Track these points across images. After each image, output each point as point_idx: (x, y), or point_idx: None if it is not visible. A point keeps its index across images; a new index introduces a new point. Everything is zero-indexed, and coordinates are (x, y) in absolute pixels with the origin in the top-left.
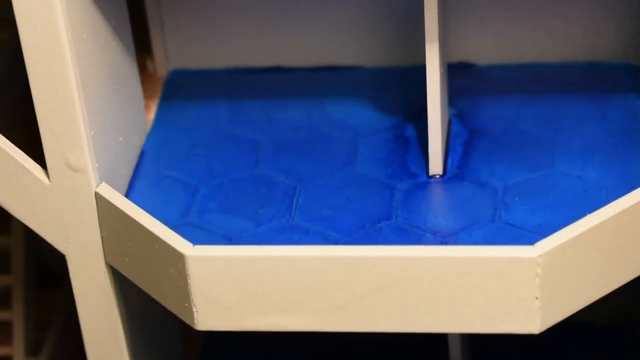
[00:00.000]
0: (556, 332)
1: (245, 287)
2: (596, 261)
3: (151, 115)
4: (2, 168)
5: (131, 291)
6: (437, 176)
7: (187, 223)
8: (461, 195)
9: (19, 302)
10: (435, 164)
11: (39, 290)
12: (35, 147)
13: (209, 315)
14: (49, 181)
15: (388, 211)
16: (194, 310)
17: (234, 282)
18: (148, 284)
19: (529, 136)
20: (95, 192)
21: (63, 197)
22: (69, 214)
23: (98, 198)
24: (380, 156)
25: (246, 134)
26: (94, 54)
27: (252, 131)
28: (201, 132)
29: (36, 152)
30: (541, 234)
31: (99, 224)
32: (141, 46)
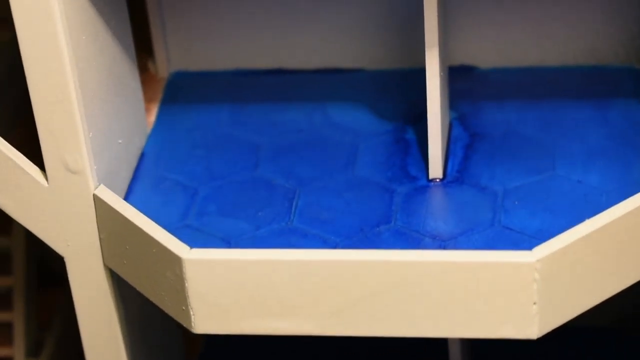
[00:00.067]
0: (556, 336)
1: (242, 291)
2: (595, 266)
3: (152, 116)
4: (1, 170)
5: (130, 293)
6: (437, 180)
7: (186, 225)
8: (461, 199)
9: (20, 303)
10: (435, 168)
11: (40, 290)
12: (35, 148)
13: (206, 318)
14: (47, 183)
15: (387, 215)
16: (191, 313)
17: (231, 286)
18: (146, 287)
19: (530, 140)
20: (93, 194)
21: (61, 199)
22: (67, 216)
23: (96, 200)
24: (380, 159)
25: (247, 136)
26: (93, 56)
27: (253, 133)
28: (202, 134)
29: (36, 154)
30: (540, 239)
31: (98, 226)
32: (142, 47)
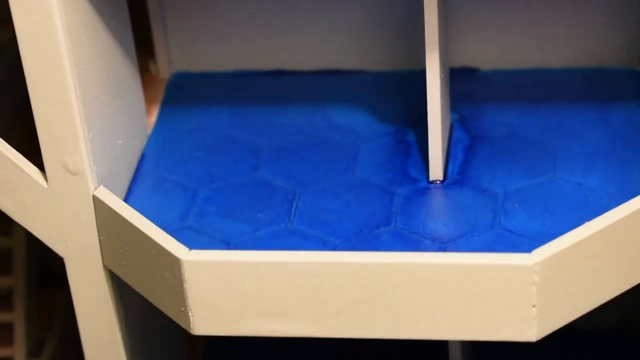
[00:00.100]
0: (556, 337)
1: (241, 292)
2: (594, 269)
3: (153, 117)
4: (0, 170)
5: (131, 294)
6: (438, 182)
7: (186, 227)
8: (461, 201)
9: (20, 303)
10: (435, 170)
11: (40, 291)
12: (35, 149)
13: (205, 319)
14: (47, 184)
15: (387, 216)
16: (190, 314)
17: (230, 287)
18: (145, 288)
19: (531, 142)
20: (93, 195)
21: (61, 200)
22: (67, 217)
23: (96, 201)
24: (381, 161)
25: (247, 138)
26: (93, 57)
27: (253, 135)
28: (202, 135)
29: (36, 154)
30: (541, 241)
31: (97, 227)
32: (144, 48)
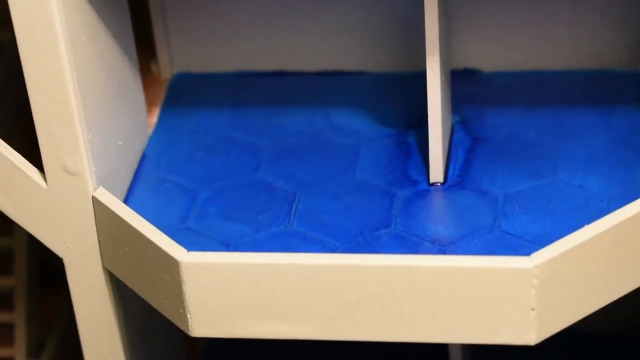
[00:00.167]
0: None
1: (239, 294)
2: (594, 272)
3: (154, 118)
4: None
5: (130, 295)
6: (438, 184)
7: (186, 228)
8: (461, 203)
9: (21, 304)
10: (436, 172)
11: (41, 291)
12: (35, 150)
13: (204, 321)
14: (46, 185)
15: (387, 219)
16: (189, 316)
17: (229, 289)
18: (144, 290)
19: (532, 144)
20: (92, 197)
21: (60, 201)
22: (66, 218)
23: (95, 202)
24: (381, 163)
25: (248, 139)
26: (93, 57)
27: (254, 136)
28: (203, 136)
29: (36, 155)
30: (541, 244)
31: (97, 228)
32: (145, 49)
